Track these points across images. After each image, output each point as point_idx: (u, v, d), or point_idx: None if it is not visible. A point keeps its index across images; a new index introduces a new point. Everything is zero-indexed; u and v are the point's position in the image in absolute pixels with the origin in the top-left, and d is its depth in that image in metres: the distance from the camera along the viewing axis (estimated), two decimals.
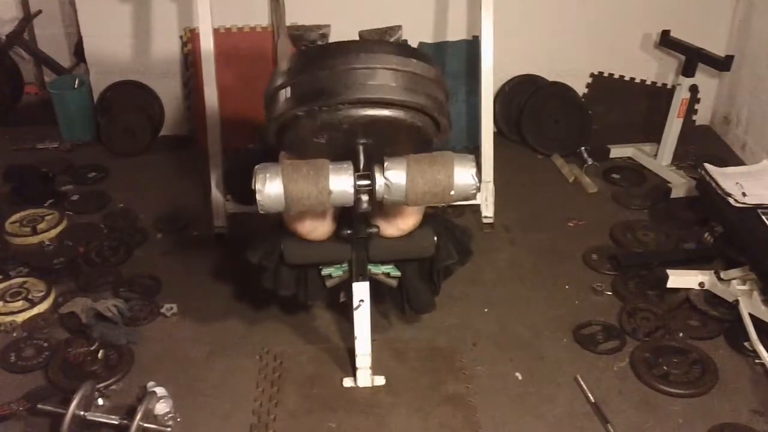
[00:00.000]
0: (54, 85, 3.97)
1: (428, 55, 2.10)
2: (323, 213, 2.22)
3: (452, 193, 2.01)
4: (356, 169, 2.00)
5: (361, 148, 2.03)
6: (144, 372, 2.33)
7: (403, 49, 2.04)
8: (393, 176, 1.98)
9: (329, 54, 1.97)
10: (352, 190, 1.98)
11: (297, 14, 3.59)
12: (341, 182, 1.97)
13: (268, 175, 1.95)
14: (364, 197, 2.00)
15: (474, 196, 2.08)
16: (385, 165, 1.99)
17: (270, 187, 1.95)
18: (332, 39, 2.25)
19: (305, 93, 1.95)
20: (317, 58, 1.99)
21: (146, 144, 3.76)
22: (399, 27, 2.42)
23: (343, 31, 2.37)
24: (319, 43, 2.28)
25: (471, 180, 2.01)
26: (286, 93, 1.98)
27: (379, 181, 1.98)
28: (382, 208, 2.21)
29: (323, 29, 2.32)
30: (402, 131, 2.03)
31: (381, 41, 2.25)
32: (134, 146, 3.73)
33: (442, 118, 2.04)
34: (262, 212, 1.99)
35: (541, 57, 3.82)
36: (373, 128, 1.99)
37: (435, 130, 2.06)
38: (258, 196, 1.95)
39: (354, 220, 2.21)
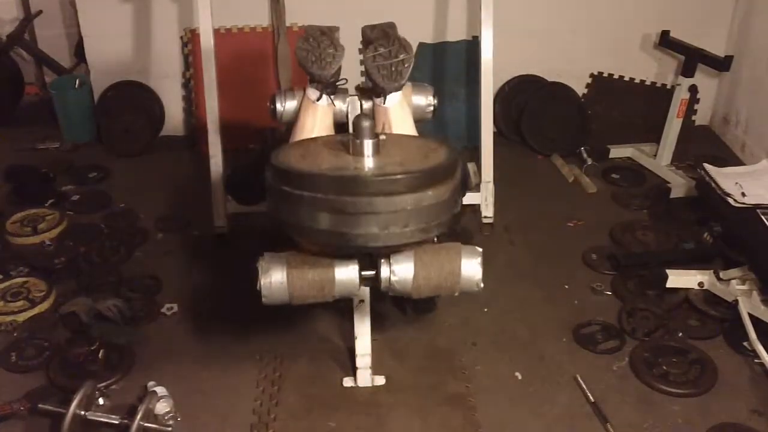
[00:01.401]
0: (54, 86, 3.97)
1: (449, 157, 1.91)
2: None
3: (456, 294, 2.01)
4: (361, 265, 1.96)
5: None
6: (144, 371, 2.34)
7: (420, 180, 1.81)
8: (399, 275, 1.94)
9: (343, 189, 1.77)
10: (357, 290, 1.99)
11: (297, 14, 3.59)
12: (346, 281, 1.95)
13: (272, 276, 1.93)
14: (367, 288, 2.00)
15: (478, 291, 2.03)
16: (392, 265, 1.94)
17: (275, 290, 1.95)
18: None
19: (310, 228, 1.83)
20: (326, 189, 1.78)
21: (146, 144, 3.77)
22: (410, 48, 2.31)
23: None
24: (332, 79, 2.19)
25: (475, 286, 1.99)
26: (288, 206, 1.85)
27: (385, 276, 1.94)
28: None
29: (337, 52, 2.19)
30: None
31: (395, 179, 1.84)
32: (134, 146, 3.74)
33: (453, 222, 1.96)
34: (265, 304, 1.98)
35: (541, 57, 3.83)
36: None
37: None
38: (263, 296, 1.96)
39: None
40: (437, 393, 2.27)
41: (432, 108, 2.42)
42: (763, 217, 2.60)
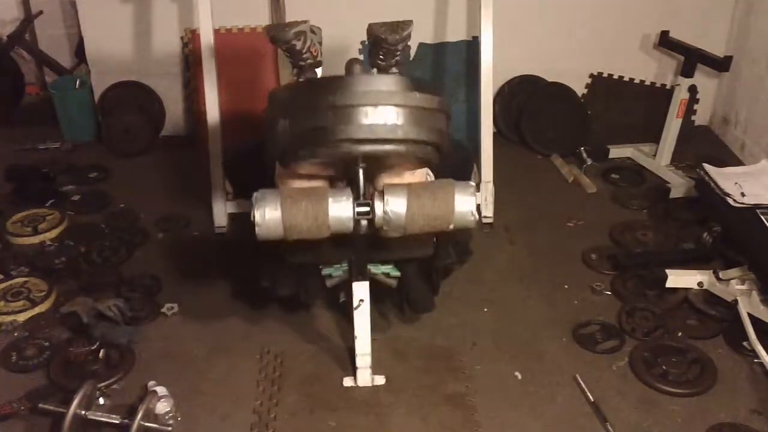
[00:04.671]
0: (55, 86, 3.98)
1: (431, 84, 2.07)
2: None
3: (451, 226, 2.02)
4: (355, 195, 1.99)
5: (361, 172, 2.02)
6: (145, 371, 2.34)
7: (406, 82, 1.96)
8: (393, 208, 1.97)
9: (331, 89, 1.91)
10: (351, 223, 1.98)
11: (297, 14, 3.59)
12: (340, 211, 1.96)
13: (267, 209, 1.94)
14: (363, 222, 2.00)
15: (472, 225, 2.06)
16: (386, 197, 1.97)
17: (269, 221, 1.94)
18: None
19: (305, 130, 1.91)
20: (318, 91, 1.93)
21: (147, 144, 3.77)
22: (410, 22, 2.38)
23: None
24: (294, 42, 2.24)
25: (470, 216, 2.00)
26: (284, 124, 1.94)
27: (378, 211, 1.97)
28: None
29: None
30: (403, 159, 2.03)
31: (383, 76, 2.13)
32: (135, 146, 3.74)
33: (444, 144, 2.02)
34: (260, 239, 1.98)
35: (540, 57, 3.83)
36: (374, 157, 1.98)
37: (436, 156, 2.05)
38: (257, 228, 1.95)
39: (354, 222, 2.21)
40: (437, 393, 2.27)
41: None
42: (762, 217, 2.60)
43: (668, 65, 3.88)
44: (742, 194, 2.72)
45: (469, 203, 2.00)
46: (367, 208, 1.98)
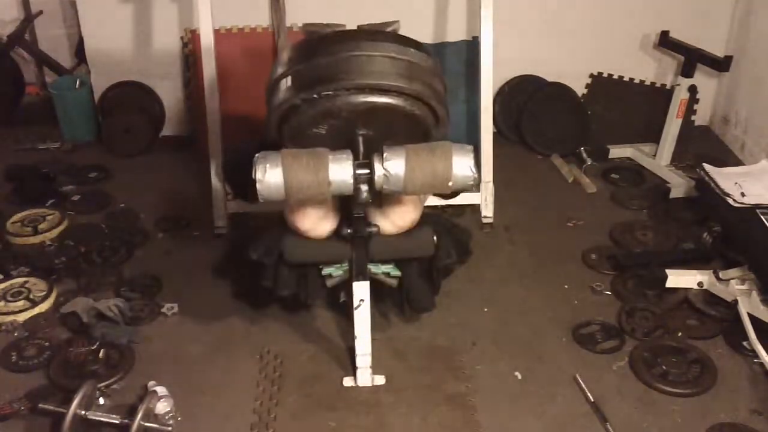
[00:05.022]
0: (55, 86, 3.98)
1: (426, 47, 2.13)
2: (324, 210, 2.22)
3: (450, 183, 2.03)
4: (356, 159, 2.02)
5: (360, 138, 2.06)
6: (145, 371, 2.34)
7: (401, 38, 2.08)
8: (392, 166, 1.99)
9: (329, 42, 2.02)
10: (351, 180, 1.99)
11: (297, 14, 3.59)
12: (341, 171, 1.98)
13: (268, 165, 1.97)
14: (364, 187, 2.02)
15: (472, 188, 2.10)
16: (384, 155, 2.00)
17: (270, 177, 1.96)
18: None
19: (305, 80, 1.99)
20: (317, 46, 2.04)
21: (147, 144, 3.77)
22: (396, 22, 2.44)
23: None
24: None
25: (469, 172, 2.02)
26: (286, 82, 2.02)
27: (378, 170, 1.99)
28: (381, 204, 2.22)
29: (338, 28, 2.33)
30: (400, 120, 2.05)
31: (379, 31, 2.29)
32: (135, 146, 3.74)
33: (440, 108, 2.06)
34: (261, 201, 2.00)
35: (540, 57, 3.83)
36: (372, 117, 2.02)
37: (433, 121, 2.08)
38: (258, 185, 1.97)
39: (353, 220, 2.22)
40: (437, 393, 2.27)
41: None
42: (762, 217, 2.60)
43: (668, 65, 3.88)
44: (742, 194, 2.72)
45: (468, 162, 2.02)
46: (367, 170, 2.01)
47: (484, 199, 3.10)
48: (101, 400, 2.20)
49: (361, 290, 2.23)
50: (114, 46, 3.74)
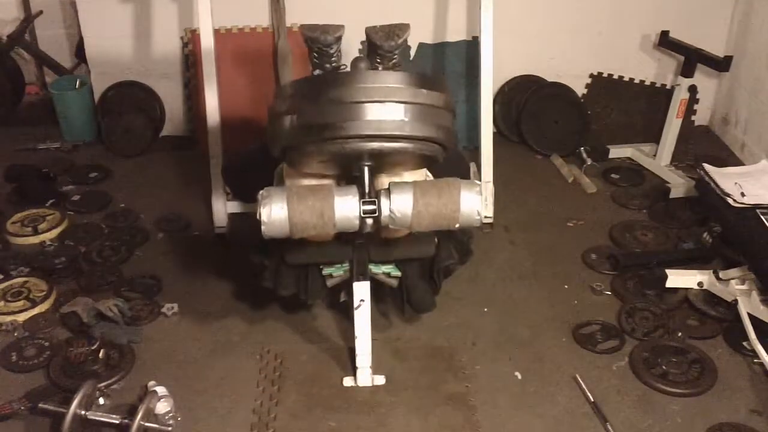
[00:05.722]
0: (55, 86, 3.98)
1: (439, 80, 2.07)
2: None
3: (457, 225, 2.02)
4: (361, 193, 1.98)
5: (366, 169, 2.01)
6: (145, 371, 2.34)
7: (413, 78, 1.96)
8: (399, 205, 1.96)
9: (339, 84, 1.90)
10: (357, 221, 1.98)
11: (297, 15, 3.59)
12: (346, 209, 1.96)
13: (272, 207, 1.93)
14: (369, 221, 1.99)
15: (478, 224, 2.06)
16: (391, 194, 1.97)
17: (275, 218, 1.94)
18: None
19: (312, 124, 1.90)
20: (326, 86, 1.92)
21: (147, 144, 3.77)
22: (407, 26, 2.38)
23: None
24: (334, 48, 2.24)
25: (476, 216, 2.00)
26: (291, 119, 1.94)
27: (384, 209, 1.96)
28: None
29: (338, 31, 2.28)
30: (409, 156, 2.03)
31: (392, 72, 2.14)
32: (135, 147, 3.74)
33: (450, 140, 2.03)
34: (266, 238, 1.98)
35: (540, 57, 3.83)
36: (380, 154, 1.98)
37: (442, 153, 2.05)
38: (263, 226, 1.95)
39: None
40: (437, 393, 2.27)
41: None
42: (762, 217, 2.60)
43: (668, 65, 3.88)
44: (742, 194, 2.72)
45: (475, 202, 1.99)
46: (374, 206, 1.98)
47: (484, 199, 3.06)
48: (101, 400, 2.20)
49: (362, 290, 2.23)
50: (114, 46, 3.74)
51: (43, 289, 2.68)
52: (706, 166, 2.97)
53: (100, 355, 2.36)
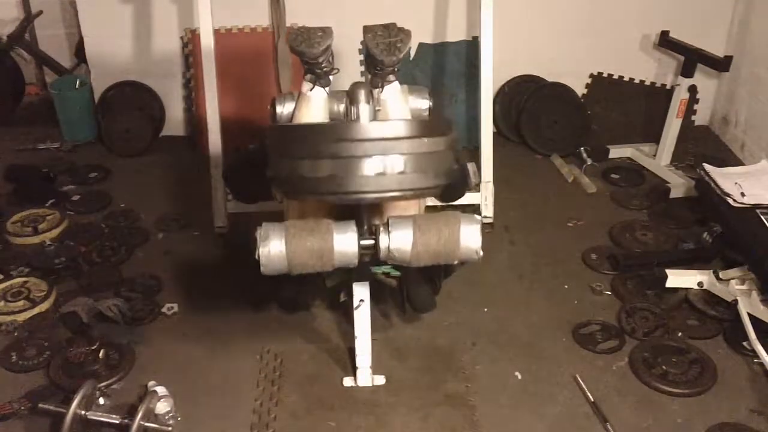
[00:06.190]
0: (55, 86, 3.97)
1: (441, 122, 1.98)
2: (324, 215, 2.21)
3: (456, 262, 2.01)
4: (359, 229, 1.97)
5: (364, 208, 2.00)
6: (145, 371, 2.34)
7: (415, 127, 1.88)
8: (398, 242, 1.94)
9: (335, 136, 1.82)
10: (356, 259, 1.97)
11: (297, 15, 3.59)
12: (345, 246, 1.94)
13: (271, 248, 1.92)
14: (367, 256, 1.99)
15: (477, 260, 2.03)
16: (391, 234, 1.94)
17: (274, 258, 1.93)
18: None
19: (308, 177, 1.84)
20: (321, 138, 1.84)
21: (147, 144, 3.77)
22: (408, 36, 2.31)
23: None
24: (322, 58, 2.20)
25: (476, 252, 1.98)
26: (286, 163, 1.89)
27: (383, 245, 1.95)
28: (382, 206, 2.21)
29: (326, 42, 2.20)
30: (409, 197, 2.00)
31: (390, 123, 1.99)
32: (135, 146, 3.74)
33: (451, 177, 1.99)
34: (264, 273, 1.97)
35: (540, 57, 3.83)
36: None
37: (443, 187, 2.01)
38: (262, 267, 1.94)
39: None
40: (437, 393, 2.27)
41: (428, 109, 2.42)
42: (762, 217, 2.60)
43: (668, 65, 3.88)
44: (742, 194, 2.72)
45: (475, 238, 1.97)
46: (372, 242, 1.97)
47: (484, 199, 3.10)
48: (101, 400, 2.19)
49: (362, 290, 2.23)
50: (114, 46, 3.74)
51: (43, 289, 2.68)
52: (706, 166, 2.97)
53: (100, 355, 2.36)
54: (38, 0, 4.19)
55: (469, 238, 1.97)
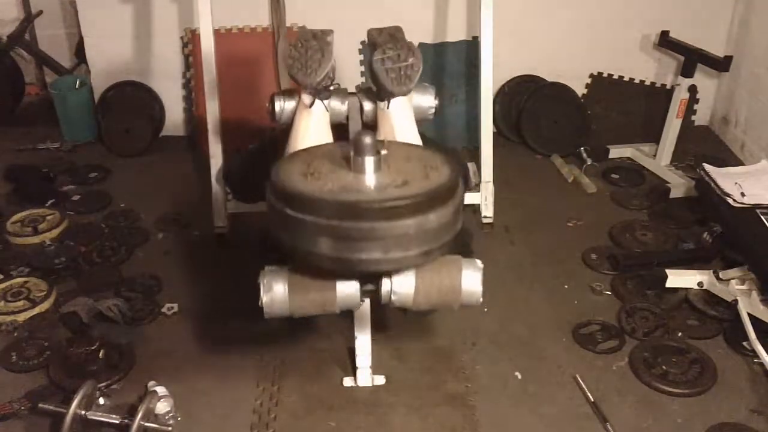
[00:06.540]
0: (55, 86, 3.98)
1: (449, 188, 1.85)
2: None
3: (457, 307, 2.01)
4: (362, 281, 1.96)
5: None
6: (145, 371, 2.34)
7: (422, 204, 1.77)
8: (400, 292, 1.94)
9: (342, 213, 1.74)
10: (357, 302, 1.99)
11: (297, 15, 3.59)
12: (347, 292, 1.95)
13: (274, 294, 1.93)
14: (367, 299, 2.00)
15: (478, 304, 2.03)
16: (393, 282, 1.93)
17: (276, 304, 1.94)
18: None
19: (312, 252, 1.81)
20: (322, 216, 1.75)
21: (147, 144, 3.77)
22: (419, 59, 2.26)
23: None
24: (320, 86, 2.17)
25: (477, 297, 1.98)
26: (297, 225, 1.81)
27: (385, 290, 1.94)
28: None
29: (323, 69, 2.12)
30: None
31: (400, 204, 1.80)
32: (135, 146, 3.74)
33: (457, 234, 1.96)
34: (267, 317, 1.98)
35: (540, 57, 3.83)
36: None
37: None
38: (264, 311, 1.95)
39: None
40: (437, 393, 2.27)
41: (434, 109, 2.42)
42: (762, 217, 2.60)
43: (668, 65, 3.88)
44: (742, 194, 2.72)
45: (476, 283, 1.97)
46: (373, 287, 1.97)
47: (484, 199, 3.10)
48: (101, 400, 2.19)
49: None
50: (114, 46, 3.74)
51: (43, 289, 2.68)
52: (706, 166, 2.97)
53: (100, 355, 2.35)
54: (38, 0, 4.18)
55: (471, 284, 1.97)
